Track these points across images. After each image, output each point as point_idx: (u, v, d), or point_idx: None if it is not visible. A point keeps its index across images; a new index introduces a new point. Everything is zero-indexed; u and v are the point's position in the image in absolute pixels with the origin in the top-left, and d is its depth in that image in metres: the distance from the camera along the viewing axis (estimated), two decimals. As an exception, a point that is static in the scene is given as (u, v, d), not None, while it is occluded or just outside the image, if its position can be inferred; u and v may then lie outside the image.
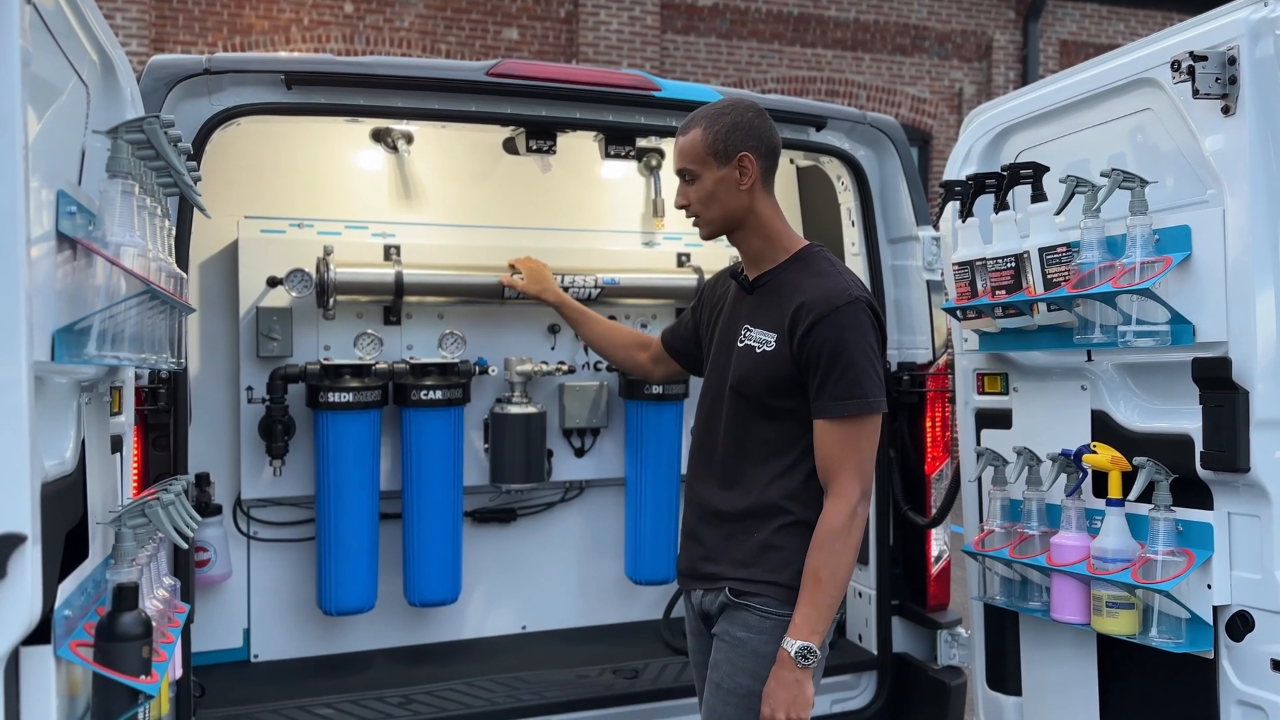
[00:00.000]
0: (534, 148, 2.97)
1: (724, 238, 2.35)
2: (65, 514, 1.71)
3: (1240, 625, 2.25)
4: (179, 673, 2.22)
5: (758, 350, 2.24)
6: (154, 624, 1.83)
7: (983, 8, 12.24)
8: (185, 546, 1.97)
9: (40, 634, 1.54)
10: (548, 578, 3.68)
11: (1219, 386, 2.24)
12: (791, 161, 3.64)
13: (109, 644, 1.63)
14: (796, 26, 11.69)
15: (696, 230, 2.35)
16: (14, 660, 1.50)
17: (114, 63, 2.17)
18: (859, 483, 2.16)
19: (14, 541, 1.36)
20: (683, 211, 2.34)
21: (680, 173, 2.29)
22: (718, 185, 2.24)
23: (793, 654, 2.10)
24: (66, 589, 1.69)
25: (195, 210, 2.72)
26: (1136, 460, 2.37)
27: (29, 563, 1.38)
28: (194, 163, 2.48)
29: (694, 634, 2.45)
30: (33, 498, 1.40)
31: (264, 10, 10.17)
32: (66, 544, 1.79)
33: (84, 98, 2.14)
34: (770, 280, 2.30)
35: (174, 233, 2.26)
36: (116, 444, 2.26)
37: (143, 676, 1.66)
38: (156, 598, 1.98)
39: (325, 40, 10.35)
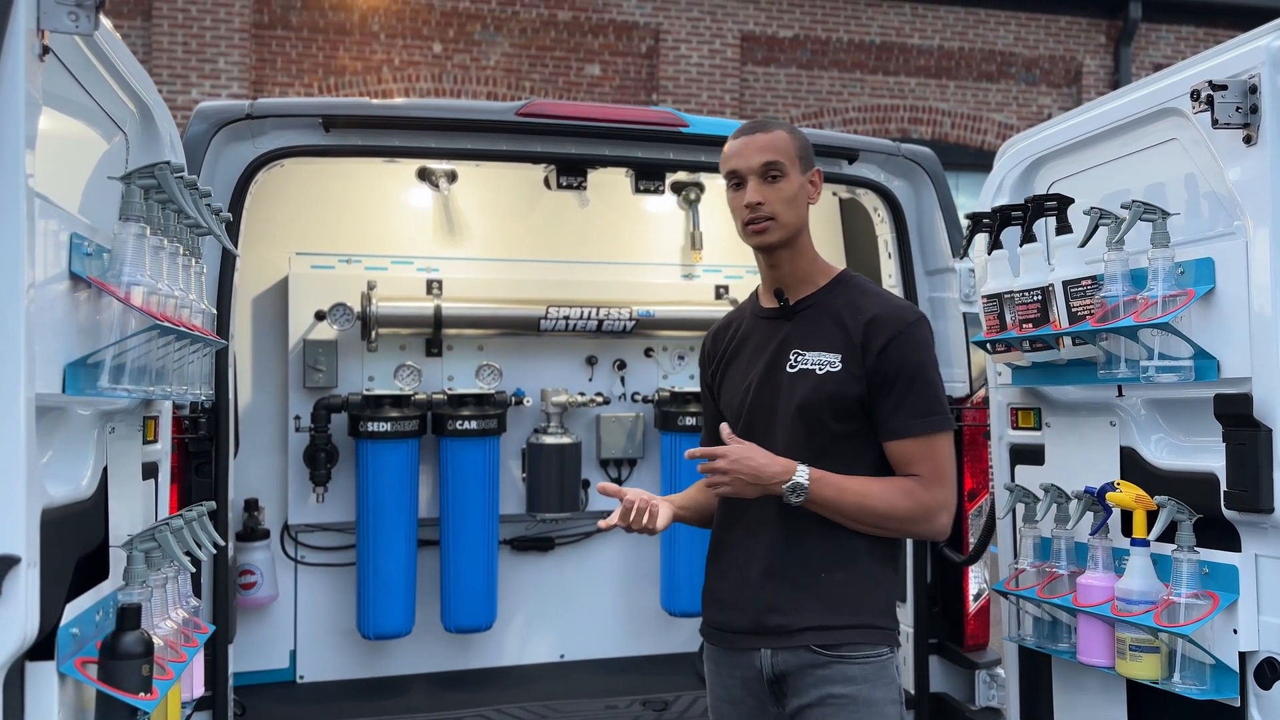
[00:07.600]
0: (564, 184, 3.03)
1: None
2: (77, 538, 1.81)
3: (1269, 672, 2.16)
4: (199, 690, 2.31)
5: (819, 372, 2.13)
6: (164, 642, 1.93)
7: (1072, 32, 11.98)
8: (193, 570, 2.07)
9: (45, 650, 1.65)
10: (586, 607, 3.71)
11: (1242, 424, 2.16)
12: (834, 194, 3.63)
13: (110, 661, 1.73)
14: (879, 55, 11.63)
15: (738, 251, 2.27)
16: (19, 674, 1.59)
17: (151, 110, 2.31)
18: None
19: (8, 563, 1.46)
20: (746, 213, 2.14)
21: (766, 166, 2.12)
22: (799, 191, 2.16)
23: (794, 476, 2.01)
24: (78, 608, 1.79)
25: (239, 248, 2.87)
26: (1158, 499, 2.30)
27: (23, 583, 1.48)
28: (220, 203, 2.63)
29: (737, 702, 2.14)
30: (29, 523, 1.49)
31: (357, 52, 10.56)
32: (88, 565, 1.91)
33: (123, 145, 2.28)
34: (815, 303, 2.21)
35: (204, 272, 2.36)
36: (150, 471, 2.38)
37: (142, 694, 1.75)
38: (173, 618, 2.08)
39: (415, 79, 10.69)
